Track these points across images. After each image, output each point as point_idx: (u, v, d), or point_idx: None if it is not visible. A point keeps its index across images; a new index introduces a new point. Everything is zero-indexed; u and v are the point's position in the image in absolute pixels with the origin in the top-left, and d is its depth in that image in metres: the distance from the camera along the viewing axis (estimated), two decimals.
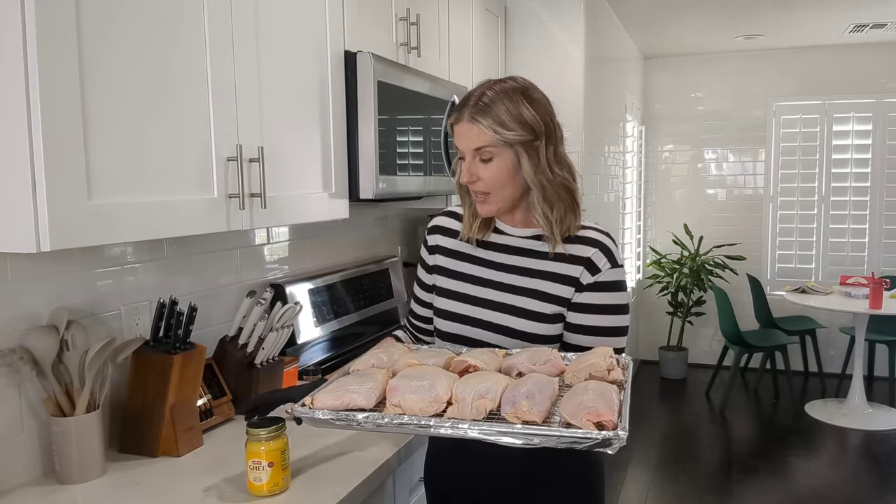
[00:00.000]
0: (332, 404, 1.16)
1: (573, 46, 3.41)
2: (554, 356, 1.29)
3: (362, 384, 1.19)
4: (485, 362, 1.26)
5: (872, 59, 5.35)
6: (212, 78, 1.39)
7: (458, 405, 1.13)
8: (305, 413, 1.16)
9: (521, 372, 1.25)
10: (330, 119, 1.80)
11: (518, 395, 1.13)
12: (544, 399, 1.12)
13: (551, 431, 1.07)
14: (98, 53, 1.14)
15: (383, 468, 1.48)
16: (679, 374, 5.65)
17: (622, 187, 4.96)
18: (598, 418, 1.06)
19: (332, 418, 1.14)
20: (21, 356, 1.34)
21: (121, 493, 1.35)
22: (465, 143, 1.35)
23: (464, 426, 1.10)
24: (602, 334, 1.38)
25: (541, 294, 1.39)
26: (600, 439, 1.04)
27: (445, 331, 1.47)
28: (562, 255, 1.39)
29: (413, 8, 2.23)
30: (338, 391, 1.18)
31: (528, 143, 1.32)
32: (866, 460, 4.08)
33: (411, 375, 1.19)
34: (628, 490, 3.70)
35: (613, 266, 1.39)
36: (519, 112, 1.32)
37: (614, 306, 1.39)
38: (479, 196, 1.38)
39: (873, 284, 4.42)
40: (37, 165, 1.05)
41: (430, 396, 1.14)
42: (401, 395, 1.15)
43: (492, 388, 1.15)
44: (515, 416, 1.10)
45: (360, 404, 1.16)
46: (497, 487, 1.43)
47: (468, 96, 1.36)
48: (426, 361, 1.29)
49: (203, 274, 1.86)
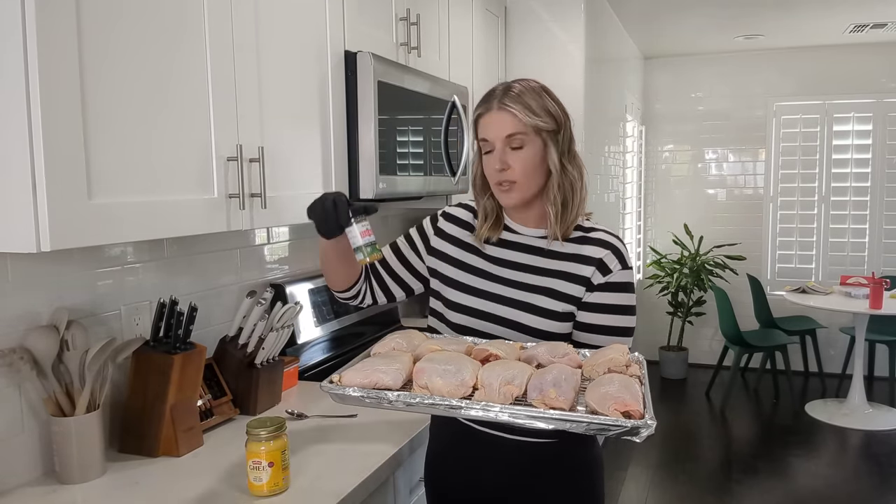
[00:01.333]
0: (361, 382, 1.17)
1: (573, 46, 3.41)
2: (571, 351, 1.31)
3: (389, 364, 1.20)
4: (505, 352, 1.28)
5: (873, 59, 5.35)
6: (212, 78, 1.39)
7: (484, 390, 1.15)
8: (335, 389, 1.17)
9: (541, 363, 1.27)
10: (330, 119, 1.80)
11: (545, 382, 1.14)
12: (570, 388, 1.14)
13: (583, 418, 1.09)
14: (98, 53, 1.14)
15: (384, 468, 1.48)
16: (679, 374, 5.65)
17: (622, 187, 4.96)
18: (625, 407, 1.09)
19: (364, 395, 1.15)
20: (21, 356, 1.34)
21: (121, 493, 1.35)
22: (496, 131, 1.36)
23: (495, 409, 1.11)
24: (610, 333, 1.40)
25: (553, 292, 1.40)
26: (629, 427, 1.06)
27: (457, 323, 1.47)
28: (575, 255, 1.41)
29: (413, 8, 2.23)
30: (365, 370, 1.19)
31: (553, 133, 1.38)
32: (866, 460, 4.08)
33: (438, 359, 1.21)
34: (628, 490, 3.70)
35: (624, 268, 1.42)
36: (544, 103, 1.37)
37: (623, 307, 1.42)
38: (504, 185, 1.39)
39: (873, 284, 4.42)
40: (37, 165, 1.04)
41: (457, 381, 1.15)
42: (428, 378, 1.16)
43: (518, 376, 1.17)
44: (543, 403, 1.11)
45: (388, 384, 1.17)
46: (496, 488, 1.44)
47: (492, 91, 1.40)
48: (446, 348, 1.30)
49: (203, 274, 1.86)
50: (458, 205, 1.57)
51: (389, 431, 1.63)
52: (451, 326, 1.48)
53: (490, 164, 1.38)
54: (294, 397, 1.91)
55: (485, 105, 1.38)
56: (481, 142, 1.40)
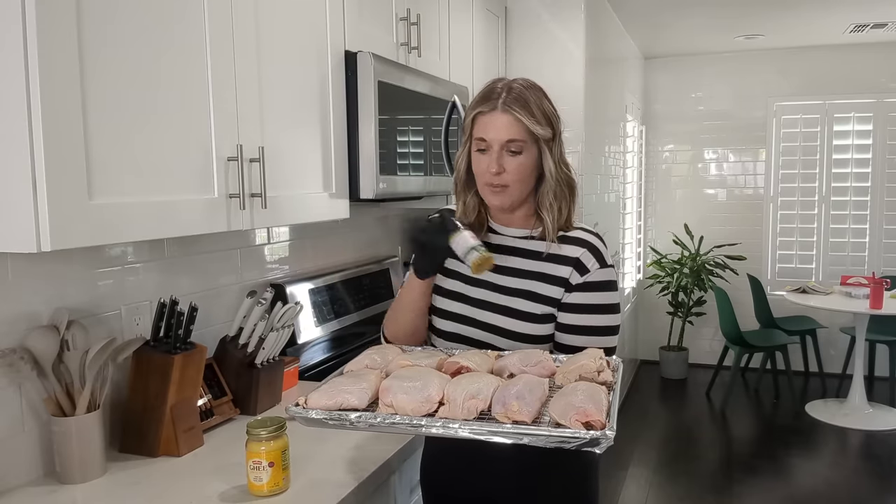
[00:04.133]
0: (326, 404, 1.17)
1: (573, 46, 3.41)
2: (545, 358, 1.30)
3: (355, 384, 1.21)
4: (477, 363, 1.28)
5: (873, 59, 5.35)
6: (212, 78, 1.39)
7: (449, 405, 1.15)
8: (299, 413, 1.17)
9: (513, 373, 1.26)
10: (330, 119, 1.80)
11: (508, 395, 1.14)
12: (534, 399, 1.14)
13: (540, 431, 1.09)
14: (99, 53, 1.14)
15: (383, 468, 1.48)
16: (679, 374, 5.65)
17: (622, 187, 4.96)
18: (586, 418, 1.08)
19: (325, 418, 1.16)
20: (21, 356, 1.34)
21: (121, 493, 1.35)
22: (497, 133, 1.35)
23: (454, 426, 1.11)
24: (592, 334, 1.39)
25: (531, 294, 1.40)
26: (588, 439, 1.06)
27: (443, 329, 1.47)
28: (552, 255, 1.40)
29: (413, 8, 2.23)
30: (331, 391, 1.19)
31: (550, 139, 1.37)
32: (867, 460, 4.08)
33: (404, 376, 1.21)
34: (629, 490, 3.70)
35: (602, 266, 1.40)
36: (543, 106, 1.36)
37: (604, 306, 1.40)
38: (495, 188, 1.38)
39: (874, 284, 4.42)
40: (37, 165, 1.05)
41: (421, 397, 1.15)
42: (393, 396, 1.16)
43: (483, 389, 1.16)
44: (505, 416, 1.11)
45: (354, 404, 1.17)
46: (492, 490, 1.43)
47: (492, 89, 1.37)
48: (419, 362, 1.30)
49: (203, 274, 1.86)
50: (437, 212, 1.55)
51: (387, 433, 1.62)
52: (439, 334, 1.48)
53: (483, 163, 1.37)
54: (294, 397, 1.90)
55: (486, 104, 1.36)
56: (477, 140, 1.38)
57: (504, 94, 1.35)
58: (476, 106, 1.38)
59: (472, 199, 1.45)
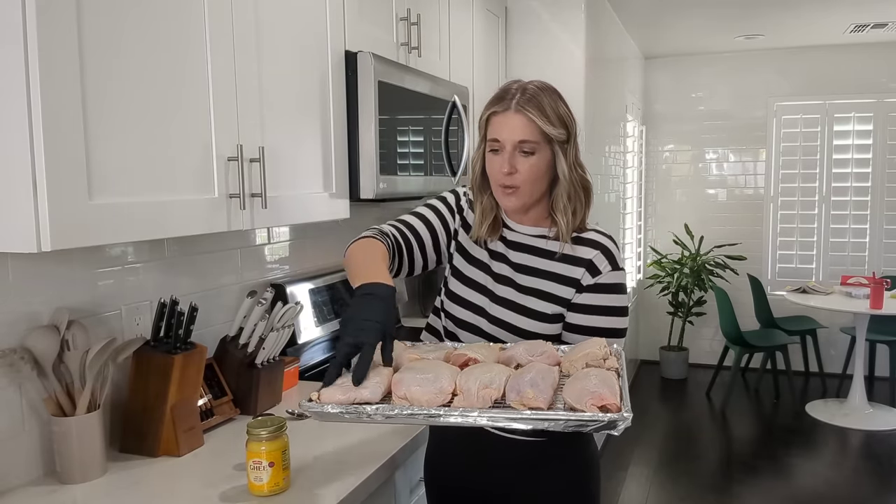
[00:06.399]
0: (340, 399, 1.17)
1: (574, 46, 3.41)
2: (549, 348, 1.32)
3: (368, 378, 1.20)
4: (483, 355, 1.29)
5: (873, 59, 5.35)
6: (213, 78, 1.39)
7: (463, 395, 1.15)
8: (314, 408, 1.17)
9: (520, 363, 1.27)
10: (330, 119, 1.80)
11: (522, 383, 1.15)
12: (547, 387, 1.15)
13: (559, 416, 1.10)
14: (99, 53, 1.14)
15: (384, 468, 1.48)
16: (680, 374, 5.65)
17: (623, 187, 4.96)
18: (602, 402, 1.10)
19: (342, 412, 1.15)
20: (22, 356, 1.34)
21: (121, 493, 1.35)
22: (510, 134, 1.35)
23: (473, 414, 1.12)
24: (600, 335, 1.39)
25: (543, 294, 1.40)
26: (606, 421, 1.08)
27: (458, 316, 1.48)
28: (565, 256, 1.41)
29: (414, 8, 2.23)
30: (344, 386, 1.19)
31: (564, 141, 1.36)
32: (867, 460, 4.08)
33: (415, 368, 1.21)
34: (629, 490, 3.70)
35: (614, 269, 1.41)
36: (558, 108, 1.36)
37: (613, 308, 1.41)
38: (507, 189, 1.38)
39: (874, 284, 4.41)
40: (38, 165, 1.05)
41: (435, 388, 1.16)
42: (406, 388, 1.16)
43: (495, 379, 1.17)
44: (521, 404, 1.12)
45: (367, 398, 1.17)
46: (495, 485, 1.44)
47: (507, 90, 1.38)
48: (426, 356, 1.31)
49: (204, 274, 1.86)
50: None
51: (390, 431, 1.62)
52: (453, 319, 1.48)
53: (496, 164, 1.38)
54: (294, 397, 1.91)
55: (500, 104, 1.36)
56: (490, 140, 1.39)
57: (518, 95, 1.35)
58: (490, 106, 1.39)
59: (487, 200, 1.45)
